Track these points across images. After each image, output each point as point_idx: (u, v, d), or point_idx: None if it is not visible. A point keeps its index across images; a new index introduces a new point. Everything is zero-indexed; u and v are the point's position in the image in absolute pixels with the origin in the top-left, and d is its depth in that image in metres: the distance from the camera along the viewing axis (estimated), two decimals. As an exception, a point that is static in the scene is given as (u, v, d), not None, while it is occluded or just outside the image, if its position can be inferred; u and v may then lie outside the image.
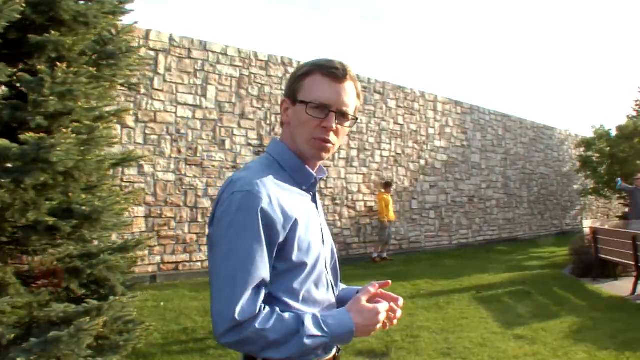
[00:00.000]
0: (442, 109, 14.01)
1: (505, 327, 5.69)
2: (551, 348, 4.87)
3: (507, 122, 17.07)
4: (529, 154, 18.25)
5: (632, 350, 4.74)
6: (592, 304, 7.12)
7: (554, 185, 19.99)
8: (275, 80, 9.99)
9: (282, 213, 1.24)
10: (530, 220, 18.22)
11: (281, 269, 1.26)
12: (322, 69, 1.32)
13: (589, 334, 5.41)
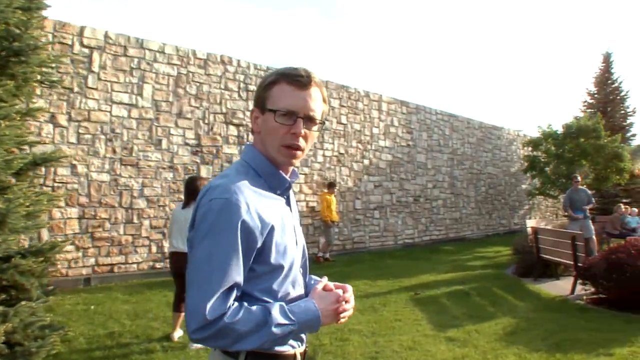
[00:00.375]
0: (387, 108, 14.69)
1: (438, 329, 5.84)
2: (482, 351, 4.99)
3: (454, 122, 17.95)
4: (477, 154, 19.20)
5: (563, 352, 4.92)
6: (529, 304, 7.40)
7: (502, 185, 21.05)
8: (214, 79, 10.34)
9: (259, 219, 1.37)
10: (477, 220, 19.18)
11: (260, 272, 1.40)
12: (287, 78, 1.45)
13: (522, 336, 5.60)
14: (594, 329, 5.83)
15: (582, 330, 5.78)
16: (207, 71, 10.26)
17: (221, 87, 10.47)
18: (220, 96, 10.43)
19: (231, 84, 10.64)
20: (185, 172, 9.70)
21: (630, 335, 5.50)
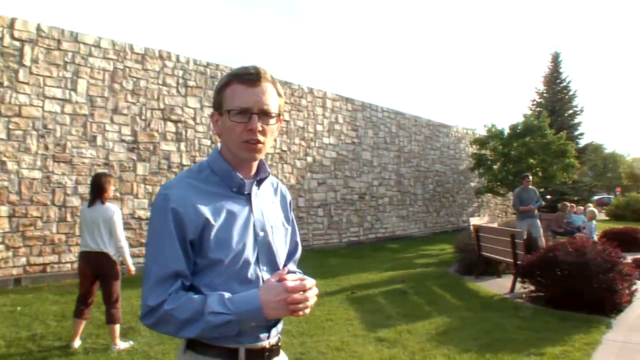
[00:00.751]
0: (331, 105, 15.31)
1: (370, 330, 5.95)
2: (411, 351, 5.09)
3: (401, 120, 18.75)
4: (424, 152, 20.07)
5: (494, 351, 5.03)
6: (467, 303, 7.57)
7: (450, 183, 22.03)
8: (152, 74, 10.65)
9: (194, 213, 1.48)
10: (425, 218, 20.05)
11: (202, 265, 1.51)
12: (238, 77, 1.56)
13: (455, 336, 5.71)
14: (529, 328, 6.02)
15: (517, 330, 5.97)
16: (144, 66, 10.55)
17: (159, 82, 10.78)
18: (158, 92, 10.75)
19: (169, 79, 10.97)
20: (121, 169, 10.00)
21: (564, 334, 5.72)
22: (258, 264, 1.59)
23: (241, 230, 1.56)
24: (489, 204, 25.35)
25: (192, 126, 11.36)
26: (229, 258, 1.52)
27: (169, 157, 10.85)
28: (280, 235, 1.70)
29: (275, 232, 1.66)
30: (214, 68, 11.94)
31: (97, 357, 5.00)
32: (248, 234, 1.57)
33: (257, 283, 1.56)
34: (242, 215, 1.58)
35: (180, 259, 1.47)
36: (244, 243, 1.56)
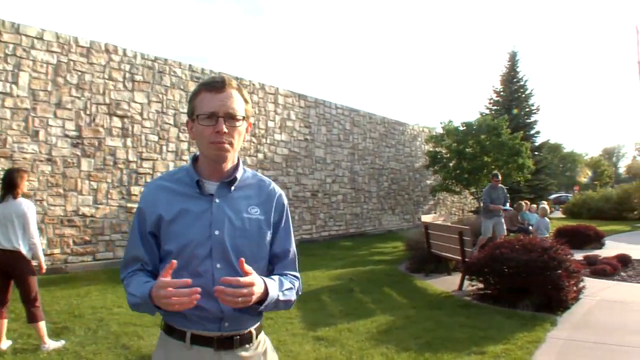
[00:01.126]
0: (283, 101, 15.61)
1: (309, 328, 5.97)
2: (348, 350, 5.11)
3: (356, 117, 19.17)
4: (379, 149, 20.53)
5: (434, 350, 5.06)
6: (413, 301, 7.65)
7: (405, 181, 22.55)
8: (97, 68, 10.72)
9: (152, 210, 1.78)
10: (379, 215, 20.51)
11: (162, 255, 1.80)
12: (206, 86, 1.78)
13: (396, 334, 5.76)
14: (473, 326, 6.07)
15: (461, 328, 6.02)
16: (89, 60, 10.62)
17: (105, 76, 10.86)
18: (104, 86, 10.83)
19: (116, 73, 11.05)
20: (65, 165, 10.06)
21: (508, 332, 5.80)
22: (211, 260, 1.74)
23: (194, 227, 1.75)
24: (446, 202, 26.00)
25: (139, 121, 11.47)
26: (176, 250, 1.73)
27: (114, 153, 10.94)
28: (246, 236, 1.81)
29: (237, 232, 1.79)
30: (162, 63, 12.06)
31: (26, 357, 4.96)
32: (202, 231, 1.75)
33: (207, 277, 1.73)
34: (199, 213, 1.77)
35: (139, 247, 1.80)
36: (195, 239, 1.74)
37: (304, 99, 16.50)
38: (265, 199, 1.90)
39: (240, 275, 1.64)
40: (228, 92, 1.77)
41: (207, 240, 1.75)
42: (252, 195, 1.88)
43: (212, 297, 1.65)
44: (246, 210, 1.83)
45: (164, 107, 12.00)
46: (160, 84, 11.97)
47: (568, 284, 7.07)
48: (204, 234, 1.75)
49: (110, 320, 6.21)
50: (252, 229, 1.82)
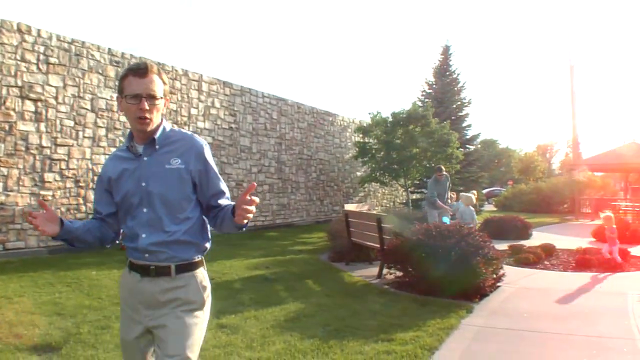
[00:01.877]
0: (207, 89, 15.94)
1: (214, 316, 5.68)
2: (250, 338, 5.16)
3: (283, 106, 19.69)
4: (307, 139, 21.14)
5: (340, 338, 5.12)
6: (328, 289, 7.73)
7: (334, 172, 23.25)
8: (9, 48, 10.73)
9: (106, 174, 2.45)
10: (307, 206, 21.13)
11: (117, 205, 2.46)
12: (131, 71, 2.31)
13: (304, 322, 5.81)
14: (386, 314, 6.16)
15: (373, 315, 6.11)
16: (0, 40, 10.57)
17: (17, 58, 10.87)
18: (16, 68, 10.85)
19: (29, 55, 11.09)
20: (-28, 148, 10.04)
21: (420, 319, 5.86)
22: (141, 206, 2.36)
23: (130, 181, 2.37)
24: (376, 194, 26.86)
25: (54, 105, 11.54)
26: (120, 200, 2.40)
27: (26, 138, 10.99)
28: (167, 184, 2.35)
29: (160, 182, 2.34)
30: (79, 45, 12.15)
31: None
32: (134, 184, 2.36)
33: (140, 218, 2.37)
34: (133, 171, 2.38)
35: (101, 201, 2.51)
36: (130, 190, 2.36)
37: (229, 87, 16.84)
38: (186, 150, 2.40)
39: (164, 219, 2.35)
40: (150, 77, 2.32)
41: (138, 190, 2.36)
42: (174, 149, 2.40)
43: (140, 236, 2.34)
44: (168, 162, 2.36)
45: (80, 91, 12.09)
46: (77, 67, 12.04)
47: (486, 271, 7.18)
48: (136, 186, 2.36)
49: (8, 310, 6.27)
50: (172, 177, 2.36)
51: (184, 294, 2.35)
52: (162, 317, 2.31)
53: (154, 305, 2.33)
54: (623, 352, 4.74)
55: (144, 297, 2.34)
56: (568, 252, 11.54)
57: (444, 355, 4.72)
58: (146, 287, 2.34)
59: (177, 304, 2.33)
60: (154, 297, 2.33)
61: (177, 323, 2.30)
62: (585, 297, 7.27)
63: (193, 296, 2.38)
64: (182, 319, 2.31)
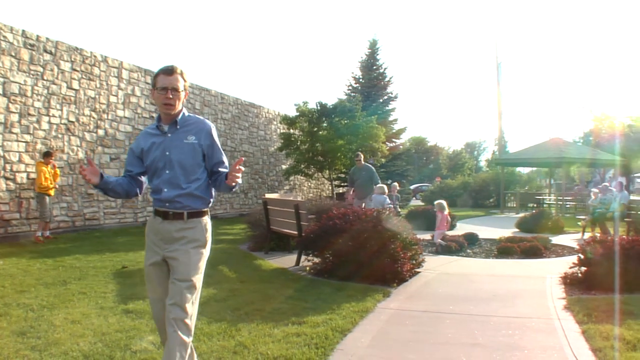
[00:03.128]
0: (128, 76, 15.86)
1: (122, 302, 6.07)
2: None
3: (206, 96, 19.83)
4: (232, 131, 21.32)
5: (249, 321, 5.19)
6: (243, 276, 7.82)
7: (259, 164, 23.52)
8: None
9: (138, 145, 3.39)
10: (231, 199, 21.36)
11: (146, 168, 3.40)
12: (162, 71, 3.26)
13: (214, 307, 5.85)
14: (300, 299, 6.23)
15: (286, 300, 6.19)
16: None
17: None
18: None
19: None
20: None
21: (334, 303, 5.96)
22: (165, 169, 3.30)
23: (157, 151, 3.32)
24: (302, 187, 27.24)
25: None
26: (149, 164, 3.35)
27: None
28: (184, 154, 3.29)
29: (178, 152, 3.29)
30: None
31: None
32: (160, 153, 3.30)
33: (163, 178, 3.31)
34: (159, 144, 3.32)
35: (133, 164, 3.43)
36: (157, 157, 3.31)
37: (151, 75, 16.59)
38: (198, 130, 3.37)
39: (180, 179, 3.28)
40: (175, 76, 3.27)
41: (163, 157, 3.31)
42: (190, 129, 3.36)
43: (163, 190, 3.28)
44: (186, 138, 3.32)
45: (-10, 74, 11.78)
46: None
47: (404, 256, 7.34)
48: (161, 154, 3.31)
49: None
50: (188, 149, 3.31)
51: (192, 233, 3.29)
52: (175, 251, 3.25)
53: (170, 240, 3.28)
54: (540, 330, 5.01)
55: (163, 235, 3.29)
56: (491, 241, 12.20)
57: (356, 337, 4.80)
58: (165, 227, 3.29)
59: (187, 241, 3.27)
60: (170, 234, 3.28)
61: (185, 256, 3.25)
62: (506, 281, 7.59)
63: (199, 235, 3.32)
64: (189, 253, 3.26)
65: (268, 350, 4.31)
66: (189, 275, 3.23)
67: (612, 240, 7.16)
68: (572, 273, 7.27)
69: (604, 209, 13.94)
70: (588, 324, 5.06)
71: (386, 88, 34.26)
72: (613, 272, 6.56)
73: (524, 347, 4.51)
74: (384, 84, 34.21)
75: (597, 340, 4.55)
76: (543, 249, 10.52)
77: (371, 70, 33.97)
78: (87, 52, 14.35)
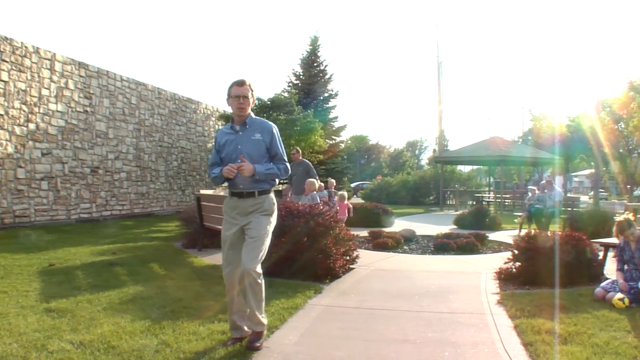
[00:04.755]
0: (61, 69, 15.66)
1: (44, 301, 5.95)
2: (77, 321, 5.09)
3: (143, 91, 19.74)
4: (168, 127, 21.32)
5: (175, 319, 5.16)
6: (173, 273, 7.81)
7: (197, 160, 23.59)
8: None
9: (218, 140, 4.62)
10: (168, 196, 21.34)
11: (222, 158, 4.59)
12: (235, 83, 4.45)
13: (139, 304, 5.83)
14: None
15: (215, 297, 6.15)
16: None
17: None
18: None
19: None
20: None
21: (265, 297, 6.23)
22: (237, 159, 4.32)
23: (231, 146, 4.45)
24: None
25: None
26: (225, 156, 4.48)
27: None
28: (252, 148, 4.41)
29: (248, 146, 4.40)
30: None
31: None
32: (234, 147, 4.43)
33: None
34: (233, 140, 4.46)
35: (214, 158, 4.65)
36: (231, 151, 4.44)
37: (85, 68, 16.60)
38: (263, 129, 4.52)
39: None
40: (245, 87, 4.40)
41: (235, 150, 4.42)
42: (256, 128, 4.50)
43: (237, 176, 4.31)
44: (253, 135, 4.46)
45: None
46: None
47: (336, 252, 7.41)
48: (235, 148, 4.44)
49: None
50: (255, 144, 4.45)
51: (262, 206, 4.45)
52: (250, 220, 4.38)
53: (246, 213, 4.42)
54: (472, 325, 5.13)
55: (240, 209, 4.45)
56: (428, 237, 12.54)
57: (284, 334, 4.83)
58: (242, 204, 4.45)
59: (259, 211, 4.43)
60: (245, 209, 4.43)
61: (256, 221, 4.38)
62: (440, 277, 7.76)
63: (267, 207, 4.48)
64: (260, 219, 4.41)
65: (191, 348, 4.29)
66: (259, 233, 4.33)
67: (546, 236, 7.45)
68: (506, 268, 7.50)
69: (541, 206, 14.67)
70: (520, 319, 5.25)
71: (327, 85, 34.50)
72: (547, 267, 6.87)
73: (454, 342, 4.60)
74: (325, 81, 34.44)
75: (528, 334, 4.71)
76: (479, 245, 10.91)
77: (312, 67, 34.14)
78: (17, 42, 14.10)
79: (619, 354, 4.18)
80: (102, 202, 17.35)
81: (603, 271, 7.50)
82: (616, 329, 4.93)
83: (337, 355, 4.31)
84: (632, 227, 6.50)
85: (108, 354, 4.13)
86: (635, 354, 4.18)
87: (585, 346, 4.37)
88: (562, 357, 4.11)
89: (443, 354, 4.30)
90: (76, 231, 13.60)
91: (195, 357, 4.12)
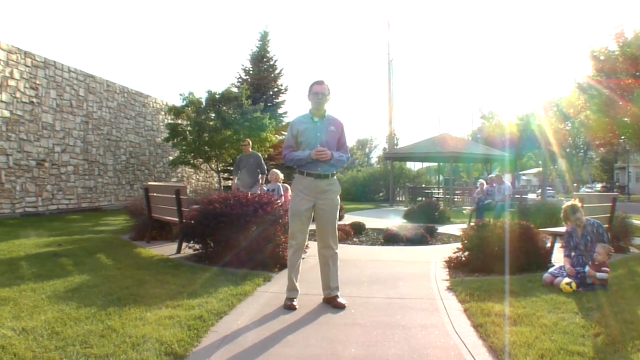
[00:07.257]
0: (6, 58, 15.30)
1: None
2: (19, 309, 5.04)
3: (91, 83, 19.45)
4: (117, 120, 21.06)
5: (121, 305, 5.16)
6: (120, 264, 7.76)
7: (146, 155, 23.36)
8: None
9: (296, 128, 5.55)
10: (116, 190, 21.09)
11: (299, 144, 5.55)
12: (315, 83, 5.55)
13: (85, 292, 5.80)
14: (176, 284, 6.27)
15: (162, 285, 6.20)
16: None
17: None
18: None
19: None
20: None
21: (212, 287, 6.08)
22: (316, 145, 5.37)
23: (311, 133, 5.47)
24: (190, 179, 27.20)
25: None
26: (303, 140, 5.47)
27: None
28: (329, 137, 5.45)
29: (325, 135, 5.44)
30: None
31: None
32: (313, 134, 5.45)
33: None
34: (313, 128, 5.48)
35: (289, 142, 5.59)
36: (311, 137, 5.45)
37: (31, 57, 16.27)
38: (336, 124, 5.57)
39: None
40: (323, 86, 5.49)
41: (315, 137, 5.43)
42: (331, 122, 5.55)
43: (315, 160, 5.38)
44: (329, 127, 5.50)
45: None
46: None
47: (285, 240, 7.34)
48: (314, 135, 5.44)
49: None
50: (331, 135, 5.50)
51: (334, 186, 5.52)
52: (325, 198, 5.42)
53: (321, 192, 5.40)
54: (422, 309, 5.32)
55: (316, 188, 5.39)
56: (378, 230, 12.84)
57: (232, 319, 4.90)
58: (317, 183, 5.39)
59: (332, 190, 5.48)
60: (321, 188, 5.40)
61: (329, 199, 5.45)
62: (390, 266, 7.93)
63: (337, 188, 5.57)
64: (334, 200, 5.50)
65: (138, 333, 4.27)
66: (333, 214, 5.50)
67: (494, 225, 7.76)
68: (456, 257, 7.78)
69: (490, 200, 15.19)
70: (470, 303, 5.44)
71: (277, 80, 34.58)
72: (496, 255, 7.21)
73: (404, 325, 4.73)
74: (275, 76, 34.50)
75: (478, 317, 4.89)
76: (429, 237, 11.20)
77: (261, 62, 34.12)
78: (-40, 30, 13.70)
79: (567, 332, 4.40)
80: (49, 196, 17.04)
81: (551, 259, 7.87)
82: (564, 310, 5.18)
83: (287, 338, 4.40)
84: (577, 212, 6.85)
85: (52, 339, 4.11)
86: (583, 332, 4.40)
87: (534, 327, 4.57)
88: (512, 337, 4.27)
89: (393, 336, 4.43)
90: (21, 225, 13.29)
91: (142, 341, 4.10)
